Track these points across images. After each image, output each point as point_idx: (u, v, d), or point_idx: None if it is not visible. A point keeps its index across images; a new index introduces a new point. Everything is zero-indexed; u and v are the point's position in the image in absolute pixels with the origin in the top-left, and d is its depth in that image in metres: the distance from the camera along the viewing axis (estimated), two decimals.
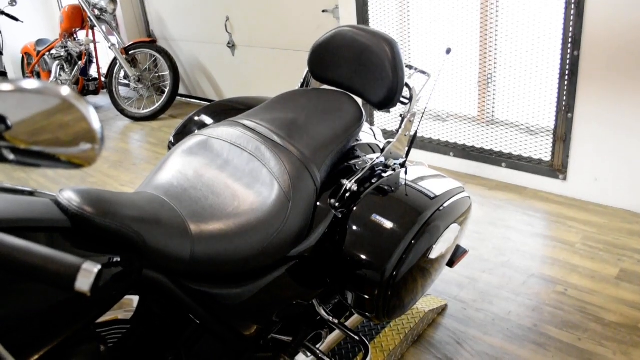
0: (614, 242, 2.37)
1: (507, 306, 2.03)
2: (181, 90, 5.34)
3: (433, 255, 1.43)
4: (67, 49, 5.13)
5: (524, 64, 2.82)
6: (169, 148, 1.80)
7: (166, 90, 4.78)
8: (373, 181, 1.52)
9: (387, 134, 3.04)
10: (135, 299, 1.16)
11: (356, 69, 1.59)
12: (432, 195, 1.52)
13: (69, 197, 1.01)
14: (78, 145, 0.67)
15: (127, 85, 5.03)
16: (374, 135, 1.80)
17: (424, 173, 1.64)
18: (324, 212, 1.41)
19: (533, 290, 2.11)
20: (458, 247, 1.75)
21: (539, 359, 1.79)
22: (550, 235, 2.47)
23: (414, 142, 1.69)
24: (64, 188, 1.06)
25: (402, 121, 1.61)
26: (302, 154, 1.36)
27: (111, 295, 1.03)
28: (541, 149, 2.84)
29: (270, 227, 1.23)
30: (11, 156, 0.68)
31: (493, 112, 3.15)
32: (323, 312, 1.57)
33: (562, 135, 2.70)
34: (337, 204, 1.41)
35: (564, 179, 2.77)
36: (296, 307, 1.45)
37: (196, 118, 1.85)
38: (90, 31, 5.00)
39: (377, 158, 1.55)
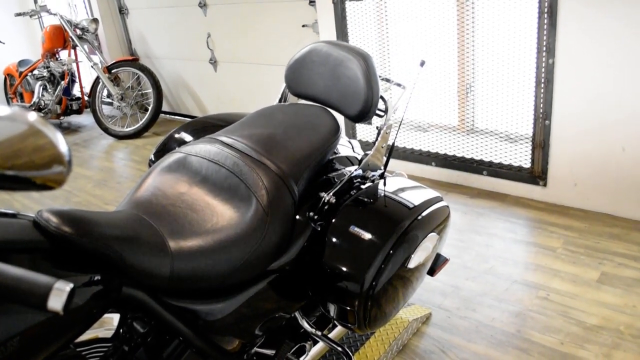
0: (595, 245, 2.41)
1: (490, 313, 2.05)
2: (165, 108, 5.35)
3: (412, 264, 1.45)
4: (49, 69, 5.12)
5: (501, 73, 2.87)
6: (149, 166, 1.81)
7: (149, 108, 4.79)
8: (351, 193, 1.54)
9: (368, 146, 3.09)
10: (115, 317, 1.16)
11: (332, 83, 1.62)
12: (410, 205, 1.54)
13: (47, 217, 1.02)
14: (49, 168, 0.69)
15: (111, 104, 5.03)
16: (352, 148, 1.83)
17: (402, 184, 1.66)
18: (303, 225, 1.42)
19: (516, 296, 2.13)
20: (439, 256, 1.77)
21: None
22: (532, 241, 2.50)
23: (392, 153, 1.71)
24: (42, 209, 1.07)
25: (378, 133, 1.63)
26: (279, 168, 1.37)
27: (91, 313, 1.03)
28: (521, 156, 2.88)
29: (249, 241, 1.25)
30: None
31: (473, 121, 3.20)
32: (306, 325, 1.58)
33: (541, 142, 2.74)
34: (315, 217, 1.43)
35: (544, 185, 2.81)
36: (278, 320, 1.46)
37: (176, 135, 1.86)
38: (72, 51, 5.00)
39: (355, 170, 1.57)
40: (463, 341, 1.93)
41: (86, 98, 5.11)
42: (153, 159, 1.82)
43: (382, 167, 1.70)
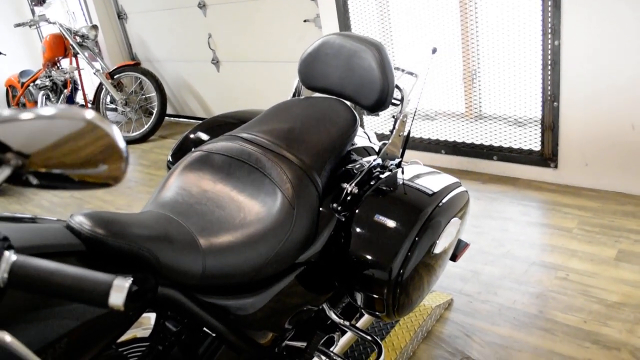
0: (610, 224, 2.42)
1: (511, 295, 2.07)
2: (169, 110, 5.36)
3: (437, 250, 1.46)
4: (51, 78, 5.13)
5: (507, 57, 2.88)
6: (169, 168, 1.82)
7: (154, 112, 4.80)
8: (372, 183, 1.55)
9: (378, 137, 3.09)
10: (152, 317, 1.18)
11: (346, 74, 1.63)
12: (431, 192, 1.55)
13: (81, 221, 1.03)
14: (103, 166, 0.70)
15: (115, 110, 5.04)
16: (369, 138, 1.84)
17: (420, 171, 1.68)
18: (328, 217, 1.44)
19: (535, 277, 2.14)
20: (460, 241, 1.78)
21: (548, 344, 1.82)
22: (547, 222, 2.51)
23: (408, 141, 1.72)
24: (74, 213, 1.08)
25: (395, 122, 1.65)
26: (302, 161, 1.39)
27: (130, 313, 1.05)
28: (530, 140, 2.89)
29: (278, 235, 1.26)
30: (35, 181, 0.70)
31: (480, 107, 3.20)
32: (334, 316, 1.59)
33: (550, 124, 2.75)
34: (339, 208, 1.44)
35: (555, 166, 2.82)
36: (307, 312, 1.47)
37: (192, 136, 1.88)
38: (73, 58, 5.01)
39: (374, 160, 1.58)
40: (487, 324, 1.94)
41: (90, 105, 5.12)
42: (171, 160, 1.83)
43: (400, 156, 1.71)
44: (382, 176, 1.59)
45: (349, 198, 1.46)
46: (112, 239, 1.02)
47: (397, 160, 1.70)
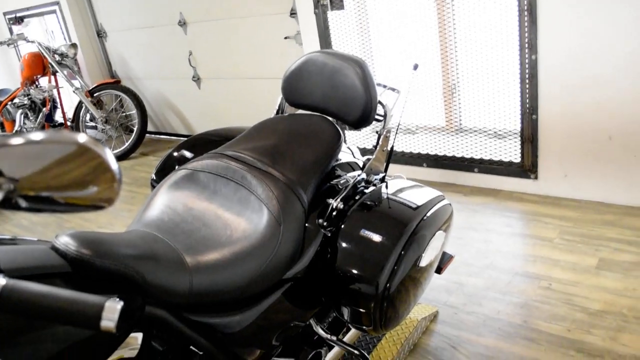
0: (590, 233, 2.46)
1: (495, 306, 2.09)
2: (150, 128, 5.33)
3: (422, 263, 1.48)
4: (30, 96, 5.08)
5: (485, 71, 2.93)
6: (152, 186, 1.81)
7: (134, 129, 4.77)
8: (357, 198, 1.56)
9: (361, 151, 3.13)
10: (139, 336, 1.17)
11: (329, 91, 1.65)
12: (415, 206, 1.57)
13: (66, 241, 1.02)
14: (95, 188, 0.70)
15: (95, 128, 5.01)
16: (352, 154, 1.85)
17: (404, 185, 1.70)
18: (314, 232, 1.44)
19: (519, 288, 2.17)
20: (444, 254, 1.80)
21: (532, 353, 1.84)
22: (529, 233, 2.55)
23: (392, 156, 1.74)
24: (59, 233, 1.07)
25: (378, 138, 1.67)
26: (287, 177, 1.40)
27: (117, 335, 1.04)
28: (510, 152, 2.94)
29: (265, 251, 1.26)
30: (24, 204, 0.70)
31: (460, 120, 3.25)
32: (321, 331, 1.59)
33: (529, 136, 2.80)
34: (325, 223, 1.45)
35: (535, 178, 2.87)
36: (295, 328, 1.47)
37: (175, 154, 1.88)
38: (52, 77, 4.98)
39: (359, 175, 1.59)
40: (472, 336, 1.96)
41: (69, 123, 5.08)
42: (155, 178, 1.83)
43: (384, 171, 1.73)
44: (366, 191, 1.61)
45: (334, 213, 1.47)
46: (98, 260, 1.02)
47: (380, 175, 1.72)
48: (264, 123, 1.65)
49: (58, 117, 5.23)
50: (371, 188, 1.63)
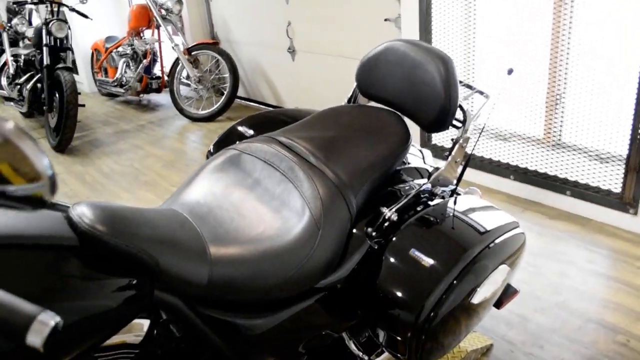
0: None
1: (559, 353, 1.85)
2: (241, 93, 5.35)
3: (476, 299, 1.29)
4: (133, 47, 5.24)
5: (598, 85, 2.61)
6: (207, 157, 1.74)
7: (225, 92, 4.79)
8: (418, 209, 1.40)
9: (444, 152, 2.88)
10: (145, 323, 1.09)
11: (406, 86, 1.48)
12: (482, 230, 1.39)
13: (81, 212, 0.95)
14: (29, 183, 0.60)
15: (188, 85, 5.09)
16: (423, 158, 1.68)
17: (475, 203, 1.51)
18: (359, 242, 1.30)
19: (590, 337, 1.92)
20: (508, 286, 1.60)
21: None
22: (615, 275, 2.25)
23: (466, 168, 1.55)
24: (79, 202, 1.00)
25: (453, 145, 1.48)
26: (338, 178, 1.26)
27: (119, 318, 0.97)
28: (611, 179, 2.62)
29: (296, 256, 1.14)
30: None
31: (560, 134, 2.95)
32: (353, 346, 1.46)
33: (636, 165, 2.47)
34: (374, 234, 1.30)
35: (635, 213, 2.53)
36: (325, 338, 1.35)
37: (239, 128, 1.79)
38: (156, 30, 5.09)
39: (423, 185, 1.42)
40: None
41: (166, 78, 5.19)
42: (212, 150, 1.75)
43: (455, 183, 1.55)
44: (430, 204, 1.44)
45: (386, 224, 1.31)
46: (110, 237, 0.94)
47: (450, 188, 1.54)
48: (328, 111, 1.52)
49: (156, 70, 5.36)
50: (436, 201, 1.46)
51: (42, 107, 4.54)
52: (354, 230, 1.32)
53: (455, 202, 1.46)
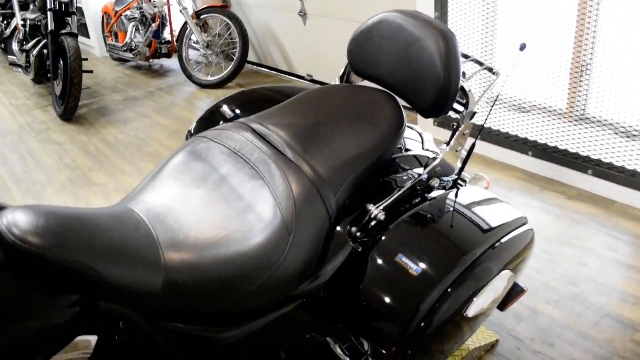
0: None
1: (571, 351, 1.71)
2: (252, 58, 5.17)
3: (471, 312, 1.15)
4: (142, 10, 5.07)
5: (629, 54, 2.38)
6: (187, 138, 1.60)
7: (235, 58, 4.61)
8: (414, 202, 1.25)
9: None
10: (93, 340, 0.98)
11: (401, 64, 1.31)
12: (485, 229, 1.24)
13: (12, 222, 0.83)
14: None
15: (198, 50, 4.92)
16: (422, 143, 1.52)
17: (479, 196, 1.35)
18: (342, 242, 1.16)
19: (606, 335, 1.77)
20: (515, 286, 1.45)
21: None
22: (638, 265, 2.08)
23: (470, 156, 1.39)
24: (9, 208, 0.88)
25: (453, 132, 1.31)
26: (315, 173, 1.11)
27: (58, 337, 0.86)
28: (638, 158, 2.41)
29: (264, 264, 1.01)
30: None
31: (585, 107, 2.73)
32: (339, 351, 1.34)
33: None
34: (358, 234, 1.16)
35: None
36: (308, 342, 1.23)
37: (223, 107, 1.65)
38: None
39: (419, 178, 1.27)
40: None
41: (176, 43, 5.03)
42: (192, 131, 1.61)
43: (457, 173, 1.39)
44: (428, 197, 1.29)
45: (372, 223, 1.17)
46: (43, 251, 0.82)
47: (452, 178, 1.38)
48: (313, 92, 1.36)
49: (166, 34, 5.19)
50: (434, 194, 1.30)
51: (47, 74, 4.44)
52: (338, 229, 1.18)
53: (455, 196, 1.31)
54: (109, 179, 3.18)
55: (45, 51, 4.47)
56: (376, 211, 1.16)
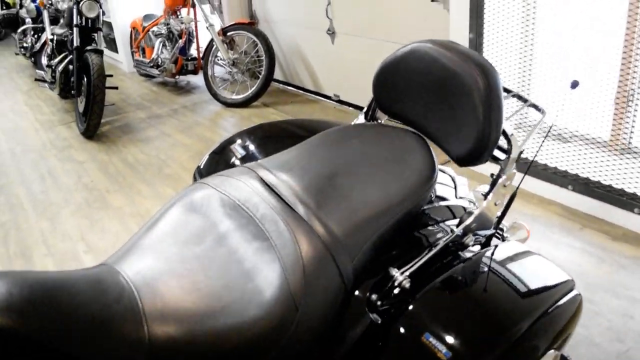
0: None
1: None
2: (279, 77, 5.07)
3: None
4: (169, 26, 5.02)
5: None
6: (194, 178, 1.47)
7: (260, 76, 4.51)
8: (440, 267, 1.08)
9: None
10: None
11: (434, 102, 1.15)
12: (529, 297, 1.06)
13: None
14: None
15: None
16: (455, 187, 1.35)
17: (520, 255, 1.18)
18: (360, 312, 1.00)
19: None
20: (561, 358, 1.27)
21: None
22: None
23: (510, 206, 1.21)
24: None
25: (492, 185, 1.15)
26: (330, 235, 0.95)
27: None
28: None
29: (265, 344, 0.86)
30: None
31: (631, 138, 2.53)
32: None
33: None
34: (378, 303, 1.00)
35: None
36: None
37: (238, 141, 1.51)
38: (192, 9, 4.84)
39: (450, 236, 1.10)
40: None
41: (202, 60, 4.96)
42: (202, 167, 1.48)
43: (494, 227, 1.22)
44: (462, 255, 1.12)
45: (395, 291, 1.01)
46: (4, 328, 0.69)
47: (488, 232, 1.21)
48: (334, 133, 1.21)
49: (193, 50, 5.14)
50: (469, 252, 1.14)
51: (72, 90, 4.40)
52: (356, 292, 1.02)
53: (492, 255, 1.14)
54: (125, 202, 3.08)
55: (71, 67, 4.44)
56: (400, 277, 1.00)
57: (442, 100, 1.13)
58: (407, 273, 1.01)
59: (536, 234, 2.42)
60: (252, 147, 1.48)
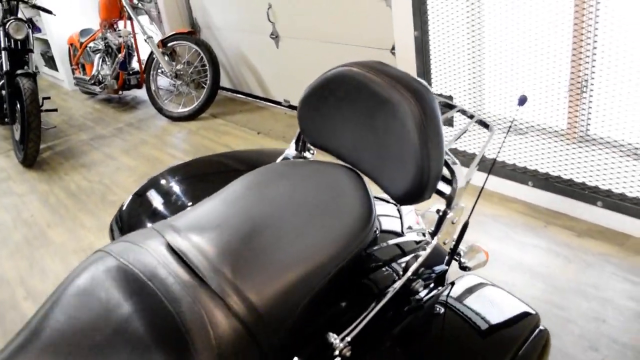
0: None
1: None
2: (227, 84, 4.88)
3: None
4: (106, 40, 4.78)
5: (634, 66, 2.10)
6: (110, 229, 1.30)
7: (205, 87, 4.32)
8: (388, 321, 0.95)
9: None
10: None
11: (365, 134, 1.01)
12: (493, 343, 0.94)
13: None
14: None
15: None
16: (401, 218, 1.21)
17: (480, 292, 1.05)
18: None
19: None
20: None
21: None
22: None
23: (460, 242, 1.09)
24: None
25: (438, 223, 1.01)
26: (249, 310, 0.80)
27: None
28: None
29: None
30: None
31: (588, 126, 2.45)
32: None
33: None
34: None
35: None
36: None
37: (166, 179, 1.35)
38: (128, 22, 4.61)
39: (394, 286, 0.96)
40: None
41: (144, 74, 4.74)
42: (124, 209, 1.31)
43: (446, 263, 1.09)
44: (415, 301, 0.99)
45: (336, 359, 0.86)
46: None
47: (441, 268, 1.08)
48: (257, 175, 1.05)
49: (134, 64, 4.90)
50: (423, 294, 1.00)
51: (5, 118, 4.13)
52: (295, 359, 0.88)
53: (447, 297, 1.01)
54: (67, 236, 2.87)
55: (3, 92, 4.17)
56: (340, 344, 0.86)
57: (373, 131, 0.99)
58: (349, 338, 0.87)
59: (499, 235, 2.32)
60: (177, 189, 1.31)
